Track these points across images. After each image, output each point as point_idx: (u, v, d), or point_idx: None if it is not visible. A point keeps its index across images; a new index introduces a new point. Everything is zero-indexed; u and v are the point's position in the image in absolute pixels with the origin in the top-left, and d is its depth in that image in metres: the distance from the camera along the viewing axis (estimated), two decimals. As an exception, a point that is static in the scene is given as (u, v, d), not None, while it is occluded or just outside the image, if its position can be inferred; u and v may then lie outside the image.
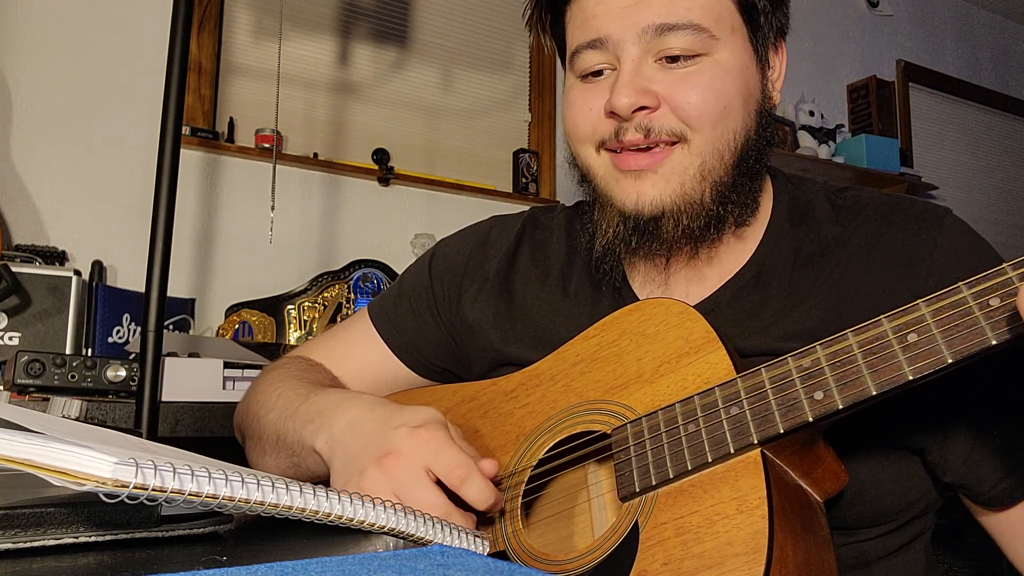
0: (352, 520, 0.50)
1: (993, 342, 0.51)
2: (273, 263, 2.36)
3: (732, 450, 0.58)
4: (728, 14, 0.73)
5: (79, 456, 0.38)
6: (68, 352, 1.70)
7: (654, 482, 0.61)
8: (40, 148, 2.08)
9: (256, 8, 2.42)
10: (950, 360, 0.52)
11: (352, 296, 2.28)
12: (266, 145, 2.32)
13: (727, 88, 0.72)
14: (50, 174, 2.08)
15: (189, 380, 1.34)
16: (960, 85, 4.17)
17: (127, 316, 1.89)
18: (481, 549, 0.60)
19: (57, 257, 1.92)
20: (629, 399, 0.67)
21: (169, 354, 1.37)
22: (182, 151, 1.32)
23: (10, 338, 1.66)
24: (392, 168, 2.53)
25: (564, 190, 2.85)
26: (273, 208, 2.28)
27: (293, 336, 2.21)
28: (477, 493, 0.63)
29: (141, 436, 1.17)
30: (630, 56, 0.72)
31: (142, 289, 1.26)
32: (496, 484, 0.67)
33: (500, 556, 0.68)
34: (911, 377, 0.54)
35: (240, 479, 0.45)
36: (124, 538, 0.43)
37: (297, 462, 0.78)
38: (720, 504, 0.56)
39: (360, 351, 0.96)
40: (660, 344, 0.67)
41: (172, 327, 1.94)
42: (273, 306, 2.22)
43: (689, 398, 0.62)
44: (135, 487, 0.39)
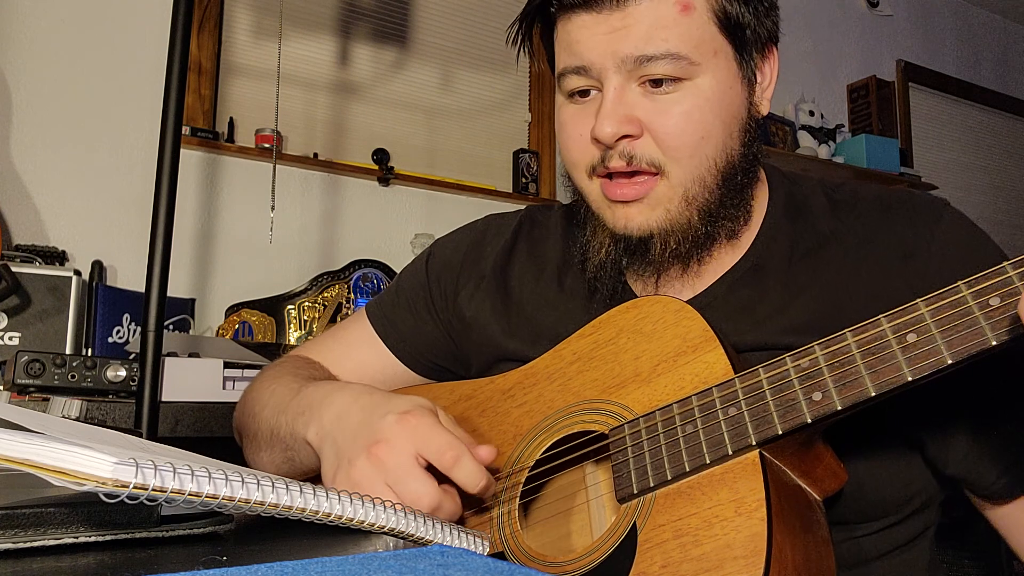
0: (352, 520, 0.50)
1: (993, 343, 0.51)
2: (273, 263, 2.36)
3: (730, 451, 0.58)
4: (710, 37, 0.72)
5: (79, 456, 0.38)
6: (68, 352, 1.70)
7: (652, 484, 0.61)
8: (40, 148, 2.08)
9: (256, 8, 2.42)
10: (950, 361, 0.52)
11: (352, 296, 2.28)
12: (266, 145, 2.31)
13: (705, 117, 0.72)
14: (50, 174, 2.08)
15: (189, 380, 1.34)
16: (960, 85, 4.17)
17: (127, 316, 1.89)
18: (481, 549, 0.60)
19: (57, 257, 1.92)
20: (627, 399, 0.67)
21: (169, 354, 1.37)
22: (182, 151, 1.32)
23: (10, 338, 1.66)
24: (392, 168, 2.53)
25: (564, 190, 2.84)
26: (273, 208, 2.28)
27: (293, 336, 2.20)
28: (468, 475, 0.63)
29: (141, 436, 1.17)
30: (612, 84, 0.73)
31: (142, 289, 1.26)
32: (494, 478, 0.67)
33: (498, 558, 0.67)
34: (910, 378, 0.53)
35: (240, 479, 0.45)
36: (124, 538, 0.43)
37: (291, 456, 0.78)
38: (718, 506, 0.56)
39: (358, 350, 0.96)
40: (657, 343, 0.67)
41: (172, 327, 1.94)
42: (273, 306, 2.21)
43: (687, 398, 0.62)
44: (135, 487, 0.39)
